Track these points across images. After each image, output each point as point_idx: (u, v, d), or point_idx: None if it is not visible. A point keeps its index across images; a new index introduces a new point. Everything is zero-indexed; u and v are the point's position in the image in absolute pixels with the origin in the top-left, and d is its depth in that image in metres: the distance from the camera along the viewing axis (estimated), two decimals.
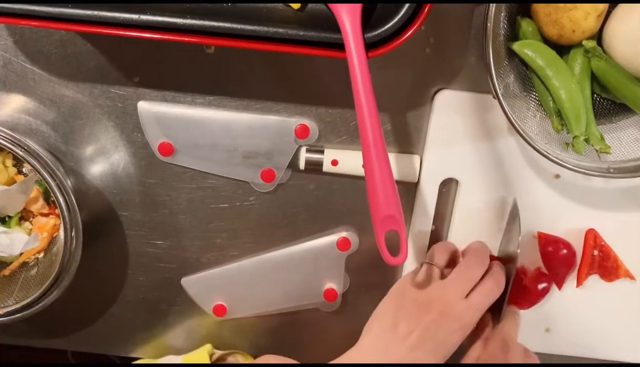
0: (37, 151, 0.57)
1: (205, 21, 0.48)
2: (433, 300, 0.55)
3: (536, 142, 0.53)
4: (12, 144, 0.56)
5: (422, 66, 0.59)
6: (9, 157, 0.62)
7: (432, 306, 0.55)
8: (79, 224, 0.59)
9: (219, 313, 0.67)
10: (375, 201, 0.49)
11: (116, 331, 0.71)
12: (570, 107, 0.53)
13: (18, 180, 0.62)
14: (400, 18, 0.48)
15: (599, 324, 0.67)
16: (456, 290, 0.56)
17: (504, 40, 0.53)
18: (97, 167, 0.63)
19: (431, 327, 0.54)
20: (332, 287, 0.66)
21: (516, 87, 0.55)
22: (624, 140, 0.56)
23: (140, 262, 0.67)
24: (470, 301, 0.55)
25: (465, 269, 0.58)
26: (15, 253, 0.61)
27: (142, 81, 0.59)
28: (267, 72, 0.59)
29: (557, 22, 0.51)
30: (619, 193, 0.62)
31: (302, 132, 0.60)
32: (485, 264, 0.58)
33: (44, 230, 0.63)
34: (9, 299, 0.62)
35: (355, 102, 0.48)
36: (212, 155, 0.61)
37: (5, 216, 0.63)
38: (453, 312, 0.54)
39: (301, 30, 0.48)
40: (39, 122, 0.61)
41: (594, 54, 0.52)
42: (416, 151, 0.62)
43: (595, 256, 0.63)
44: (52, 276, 0.60)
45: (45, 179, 0.57)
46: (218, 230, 0.66)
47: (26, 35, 0.58)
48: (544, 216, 0.63)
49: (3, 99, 0.60)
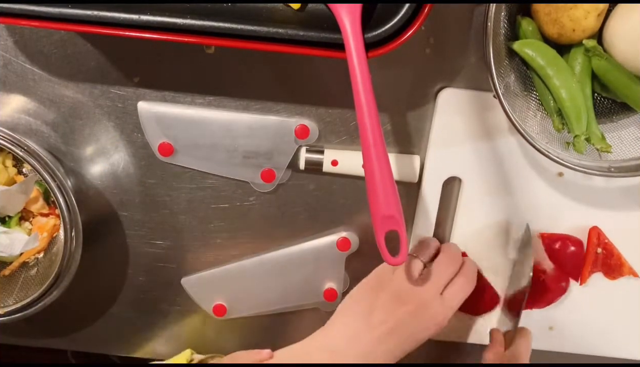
0: (37, 151, 0.57)
1: (205, 21, 0.48)
2: (410, 294, 0.55)
3: (537, 142, 0.53)
4: (12, 144, 0.57)
5: (422, 66, 0.59)
6: (9, 158, 0.62)
7: (410, 300, 0.55)
8: (79, 224, 0.59)
9: (219, 313, 0.67)
10: (375, 201, 0.49)
11: (116, 331, 0.71)
12: (571, 106, 0.53)
13: (18, 181, 0.62)
14: (400, 18, 0.48)
15: (602, 322, 0.67)
16: (432, 286, 0.56)
17: (504, 39, 0.53)
18: (97, 167, 0.63)
19: (405, 320, 0.54)
20: (332, 287, 0.66)
21: (517, 87, 0.55)
22: (624, 139, 0.56)
23: (140, 262, 0.67)
24: (445, 298, 0.56)
25: (441, 266, 0.58)
26: (15, 253, 0.61)
27: (142, 81, 0.59)
28: (267, 72, 0.59)
29: (558, 21, 0.51)
30: (620, 192, 0.62)
31: (302, 132, 0.60)
32: (458, 261, 0.59)
33: (44, 230, 0.63)
34: (9, 298, 0.62)
35: (355, 102, 0.48)
36: (212, 155, 0.61)
37: (5, 216, 0.63)
38: (429, 309, 0.55)
39: (301, 30, 0.48)
40: (39, 122, 0.61)
41: (594, 53, 0.52)
42: (416, 151, 0.62)
43: (598, 254, 0.63)
44: (52, 276, 0.60)
45: (45, 179, 0.57)
46: (218, 230, 0.66)
47: (26, 35, 0.58)
48: (546, 215, 0.63)
49: (3, 99, 0.60)
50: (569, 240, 0.63)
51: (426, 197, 0.62)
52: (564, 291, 0.65)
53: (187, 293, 0.68)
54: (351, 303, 0.57)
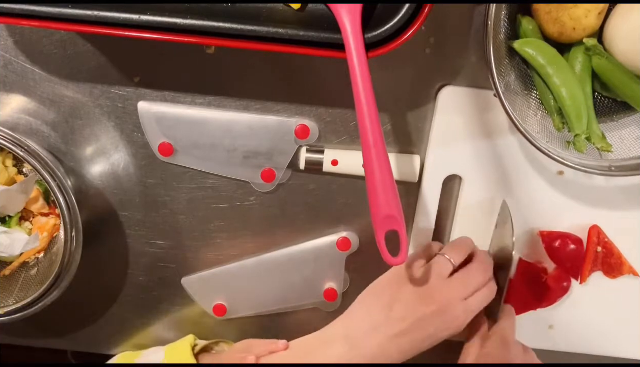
0: (37, 151, 0.57)
1: (205, 21, 0.48)
2: (435, 294, 0.54)
3: (537, 141, 0.53)
4: (12, 144, 0.56)
5: (422, 66, 0.58)
6: (9, 157, 0.62)
7: (434, 300, 0.54)
8: (79, 224, 0.59)
9: (219, 313, 0.67)
10: (375, 201, 0.49)
11: (116, 331, 0.71)
12: (571, 105, 0.53)
13: (18, 180, 0.62)
14: (400, 18, 0.48)
15: (602, 321, 0.67)
16: (460, 291, 0.55)
17: (504, 38, 0.53)
18: (97, 167, 0.63)
19: (424, 321, 0.53)
20: (332, 286, 0.66)
21: (517, 86, 0.55)
22: (625, 139, 0.56)
23: (140, 262, 0.67)
24: (468, 304, 0.55)
25: (474, 274, 0.56)
26: (15, 253, 0.61)
27: (142, 81, 0.59)
28: (267, 72, 0.59)
29: (558, 20, 0.51)
30: (620, 191, 0.62)
31: (302, 132, 0.60)
32: (490, 273, 0.58)
33: (44, 230, 0.63)
34: (9, 298, 0.62)
35: (355, 102, 0.48)
36: (212, 155, 0.61)
37: (6, 216, 0.63)
38: (451, 311, 0.54)
39: (301, 30, 0.48)
40: (39, 122, 0.61)
41: (594, 52, 0.52)
42: (416, 151, 0.62)
43: (598, 253, 0.63)
44: (52, 276, 0.60)
45: (46, 179, 0.57)
46: (218, 230, 0.66)
47: (26, 35, 0.58)
48: (546, 214, 0.63)
49: (3, 99, 0.60)
50: (568, 238, 0.63)
51: (426, 195, 0.62)
52: (565, 291, 0.64)
53: (187, 293, 0.68)
54: (372, 294, 0.56)
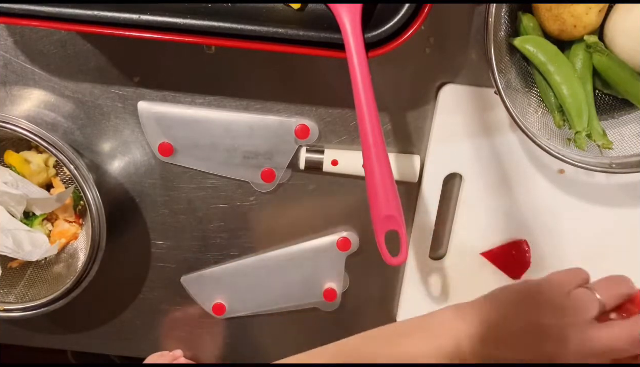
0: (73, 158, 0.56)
1: (205, 21, 0.48)
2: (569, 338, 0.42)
3: (538, 138, 0.53)
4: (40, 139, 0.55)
5: (422, 66, 0.58)
6: (52, 159, 0.62)
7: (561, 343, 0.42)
8: (103, 242, 0.58)
9: (218, 312, 0.67)
10: (375, 201, 0.49)
11: (116, 331, 0.71)
12: (572, 102, 0.53)
13: (54, 182, 0.63)
14: (400, 18, 0.48)
15: None
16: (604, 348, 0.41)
17: (505, 36, 0.53)
18: (97, 168, 0.63)
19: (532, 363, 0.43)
20: (332, 287, 0.66)
21: (518, 83, 0.55)
22: (626, 136, 0.56)
23: (140, 262, 0.67)
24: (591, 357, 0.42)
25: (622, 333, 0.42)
26: (33, 259, 0.61)
27: (142, 81, 0.59)
28: (267, 72, 0.59)
29: (559, 18, 0.51)
30: (621, 188, 0.62)
31: (302, 132, 0.60)
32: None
33: (63, 236, 0.64)
34: (12, 291, 0.62)
35: (355, 102, 0.48)
36: (212, 156, 0.61)
37: (31, 212, 0.63)
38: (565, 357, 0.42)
39: (301, 30, 0.48)
40: (39, 121, 0.61)
41: (595, 49, 0.52)
42: (416, 151, 0.62)
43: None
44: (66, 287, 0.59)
45: (85, 196, 0.56)
46: (218, 230, 0.66)
47: (26, 35, 0.58)
48: (547, 211, 0.63)
49: (3, 98, 0.60)
50: (508, 247, 0.64)
51: (427, 193, 0.62)
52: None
53: (187, 292, 0.68)
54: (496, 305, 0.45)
